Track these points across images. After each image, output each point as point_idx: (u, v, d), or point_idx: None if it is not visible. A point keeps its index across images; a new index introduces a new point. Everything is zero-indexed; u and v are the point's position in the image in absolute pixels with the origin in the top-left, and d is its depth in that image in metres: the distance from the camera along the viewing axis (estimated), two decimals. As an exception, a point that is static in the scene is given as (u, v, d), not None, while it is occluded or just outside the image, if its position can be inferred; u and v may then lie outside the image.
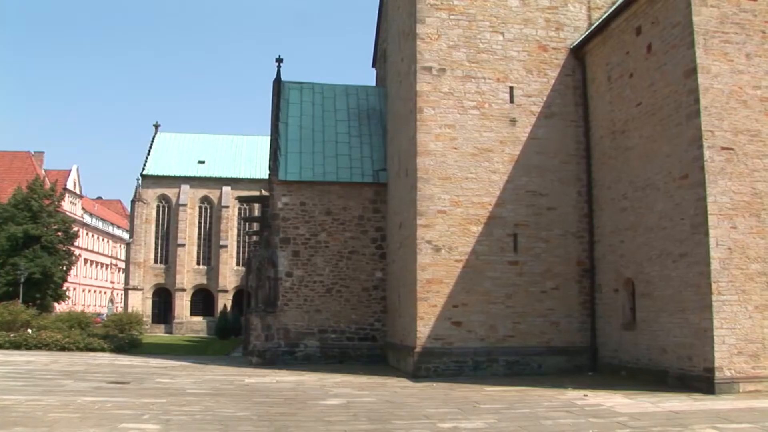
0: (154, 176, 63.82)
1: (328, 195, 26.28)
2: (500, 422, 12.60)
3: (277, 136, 26.94)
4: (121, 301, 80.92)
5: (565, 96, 22.20)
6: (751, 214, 16.52)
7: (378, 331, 25.92)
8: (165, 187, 64.10)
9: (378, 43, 33.59)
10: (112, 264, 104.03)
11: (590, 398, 15.51)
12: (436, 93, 21.24)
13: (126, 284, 64.52)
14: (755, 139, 16.80)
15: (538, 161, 21.69)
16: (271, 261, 25.54)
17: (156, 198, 64.08)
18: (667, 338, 17.64)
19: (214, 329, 54.30)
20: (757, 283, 16.32)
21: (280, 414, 13.58)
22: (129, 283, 63.29)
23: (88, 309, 70.77)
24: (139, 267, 63.03)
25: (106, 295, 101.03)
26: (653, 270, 18.39)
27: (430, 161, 20.93)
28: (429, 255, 20.62)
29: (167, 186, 64.10)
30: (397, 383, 19.08)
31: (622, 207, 20.03)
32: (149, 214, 63.83)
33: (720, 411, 13.48)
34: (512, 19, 22.12)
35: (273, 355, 24.95)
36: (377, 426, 12.30)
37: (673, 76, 17.62)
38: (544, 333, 21.20)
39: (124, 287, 67.83)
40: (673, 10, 17.65)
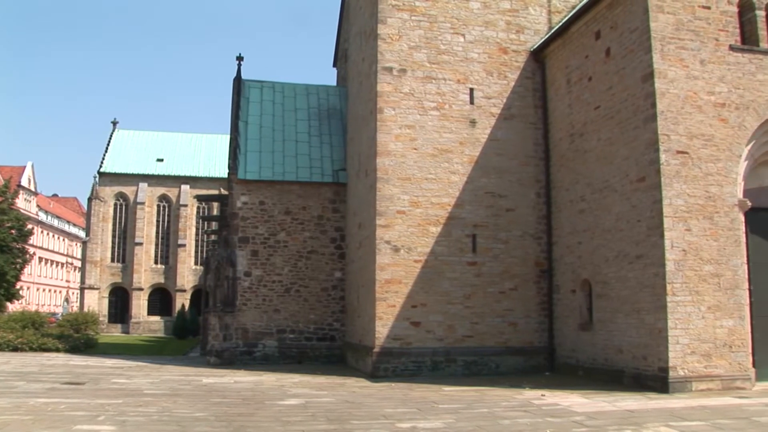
0: (111, 174, 63.06)
1: (288, 194, 26.17)
2: (458, 422, 12.64)
3: (237, 134, 26.77)
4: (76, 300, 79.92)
5: (524, 98, 22.36)
6: (704, 217, 16.80)
7: (337, 331, 25.88)
8: (123, 185, 63.39)
9: (339, 43, 33.53)
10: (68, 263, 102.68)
11: (547, 398, 15.61)
12: (396, 93, 21.26)
13: (82, 283, 63.63)
14: (709, 143, 17.08)
15: (497, 162, 21.82)
16: (230, 260, 25.36)
17: (113, 196, 63.34)
18: (623, 338, 17.85)
19: (172, 329, 53.84)
20: (710, 284, 16.61)
21: (237, 414, 13.47)
22: (85, 282, 62.44)
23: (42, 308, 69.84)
24: (95, 266, 62.23)
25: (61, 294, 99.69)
26: (610, 271, 18.60)
27: (389, 162, 20.94)
28: (388, 255, 20.63)
29: (125, 184, 63.40)
30: (355, 383, 19.05)
31: (580, 209, 20.23)
32: (106, 212, 63.06)
33: (673, 409, 13.68)
34: (473, 21, 22.23)
35: (231, 355, 24.78)
36: (336, 426, 12.26)
37: (631, 80, 17.84)
38: (502, 333, 21.33)
39: (80, 286, 66.94)
40: (632, 16, 17.88)
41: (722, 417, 12.89)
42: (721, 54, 17.56)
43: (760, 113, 17.69)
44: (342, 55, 32.25)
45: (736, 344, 16.62)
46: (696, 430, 11.68)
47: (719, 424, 12.22)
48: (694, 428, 11.84)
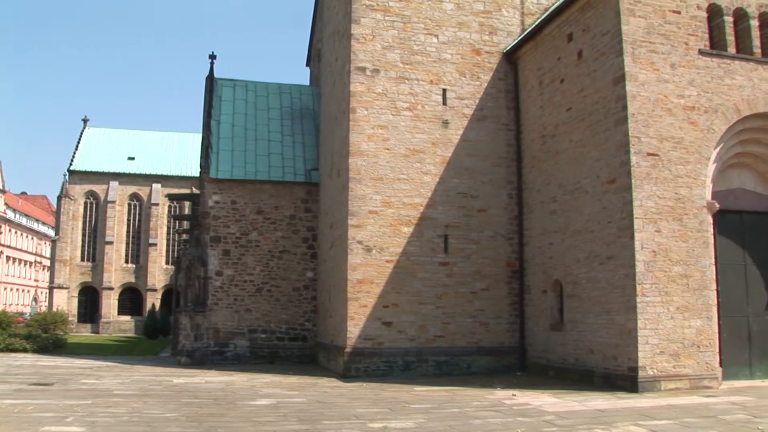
0: (81, 172, 62.39)
1: (260, 194, 26.10)
2: (430, 422, 12.66)
3: (209, 133, 26.65)
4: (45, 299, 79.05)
5: (497, 99, 22.46)
6: (674, 219, 16.99)
7: (308, 331, 25.85)
8: (93, 184, 62.73)
9: (313, 43, 33.47)
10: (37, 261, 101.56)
11: (518, 397, 15.69)
12: (369, 93, 21.27)
13: (51, 282, 62.83)
14: (679, 146, 17.27)
15: (469, 163, 21.89)
16: (201, 260, 25.25)
17: (84, 194, 62.68)
18: (593, 338, 17.99)
19: (143, 329, 53.36)
20: (679, 285, 16.80)
21: (208, 415, 13.39)
22: (54, 281, 61.69)
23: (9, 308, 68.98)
24: (65, 265, 61.56)
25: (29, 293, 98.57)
26: (581, 272, 18.73)
27: (362, 162, 20.94)
28: (360, 255, 20.63)
29: (95, 182, 62.75)
30: (327, 383, 19.03)
31: (552, 210, 20.35)
32: (76, 211, 62.39)
33: (643, 409, 13.82)
34: (447, 22, 22.29)
35: (202, 355, 24.66)
36: (307, 426, 12.24)
37: (603, 83, 17.99)
38: (474, 333, 21.41)
39: (48, 285, 66.06)
40: (603, 19, 18.02)
41: (690, 416, 13.04)
42: (690, 58, 17.77)
43: (728, 117, 17.93)
44: (315, 55, 32.20)
45: (703, 344, 16.83)
46: (664, 429, 11.78)
47: (687, 422, 12.37)
48: (662, 427, 11.96)
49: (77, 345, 35.98)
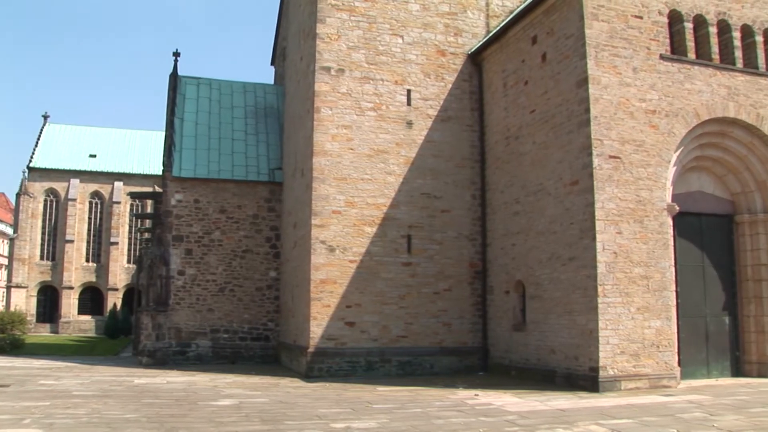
0: (41, 169, 61.59)
1: (223, 193, 25.97)
2: (392, 422, 12.67)
3: (172, 131, 26.45)
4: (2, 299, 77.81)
5: (461, 100, 22.56)
6: (635, 220, 17.19)
7: (271, 331, 25.76)
8: (53, 181, 61.97)
9: (278, 41, 33.35)
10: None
11: (481, 397, 15.76)
12: (334, 93, 21.24)
13: (8, 281, 61.95)
14: (640, 149, 17.48)
15: (433, 164, 21.96)
16: (163, 259, 25.05)
17: (43, 192, 61.88)
18: (555, 339, 18.14)
19: (104, 329, 52.90)
20: (639, 286, 17.00)
21: (170, 415, 13.27)
22: (12, 280, 60.82)
23: (-35, 307, 67.77)
24: (23, 263, 60.71)
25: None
26: (543, 273, 18.88)
27: (326, 161, 20.91)
28: (323, 255, 20.59)
29: (56, 180, 61.99)
30: (289, 383, 18.97)
31: (515, 211, 20.48)
32: (36, 209, 61.57)
33: (603, 408, 13.97)
34: (412, 22, 22.34)
35: (164, 355, 24.47)
36: (269, 426, 12.19)
37: (566, 86, 18.15)
38: (437, 333, 21.47)
39: (6, 284, 65.09)
40: (567, 22, 18.18)
41: (649, 414, 13.21)
42: (652, 62, 18.01)
43: (688, 121, 18.20)
44: (280, 54, 32.08)
45: (663, 344, 17.05)
46: (624, 428, 11.91)
47: (646, 421, 12.53)
48: (622, 426, 12.09)
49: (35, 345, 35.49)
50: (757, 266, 19.66)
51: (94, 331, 58.72)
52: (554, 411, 13.75)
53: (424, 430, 11.93)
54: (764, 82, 19.48)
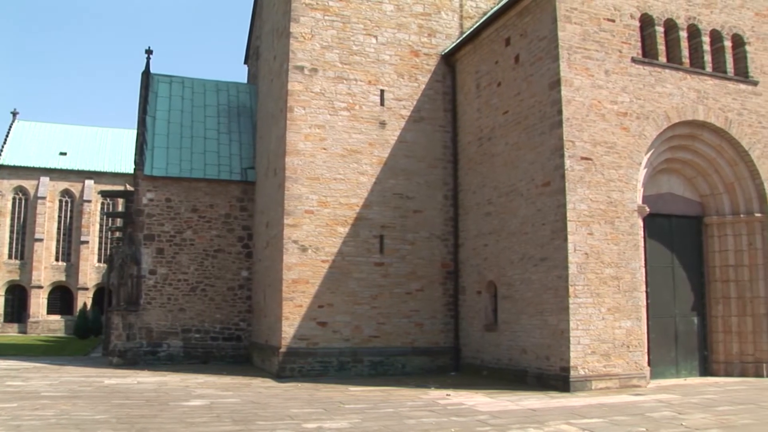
0: (10, 167, 60.79)
1: (195, 192, 25.83)
2: (364, 422, 12.67)
3: (144, 129, 26.26)
4: (-31, 298, 76.82)
5: (434, 101, 22.62)
6: (606, 222, 17.33)
7: (243, 331, 25.66)
8: (22, 179, 61.19)
9: (251, 40, 33.25)
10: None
11: (453, 397, 15.81)
12: (307, 93, 21.21)
13: (-25, 280, 61.28)
14: (611, 151, 17.63)
15: (405, 164, 22.00)
16: (135, 258, 24.86)
17: (12, 190, 61.10)
18: (527, 339, 18.24)
19: (73, 328, 52.41)
20: (610, 286, 17.14)
21: (140, 416, 13.17)
22: (-22, 279, 60.15)
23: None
24: (-10, 262, 60.05)
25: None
26: (515, 273, 18.97)
27: (298, 161, 20.87)
28: (295, 255, 20.55)
29: (25, 177, 61.22)
30: (261, 383, 18.92)
31: (487, 211, 20.56)
32: (4, 207, 60.78)
33: (574, 407, 14.08)
34: (386, 23, 22.36)
35: (134, 355, 24.28)
36: (241, 427, 12.14)
37: (539, 87, 18.25)
38: (409, 334, 21.50)
39: (-27, 283, 64.40)
40: (540, 24, 18.29)
41: (619, 414, 13.33)
42: (624, 65, 18.17)
43: (659, 123, 18.39)
44: (254, 53, 31.99)
45: (633, 344, 17.21)
46: (595, 427, 12.00)
47: (616, 420, 12.65)
48: (593, 425, 12.19)
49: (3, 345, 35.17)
50: (725, 267, 19.93)
51: (63, 331, 58.13)
52: (525, 411, 13.83)
53: (396, 430, 11.95)
54: (732, 87, 19.76)
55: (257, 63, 29.57)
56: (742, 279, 19.78)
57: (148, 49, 27.90)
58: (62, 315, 61.07)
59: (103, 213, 60.70)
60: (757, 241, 19.77)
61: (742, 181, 20.00)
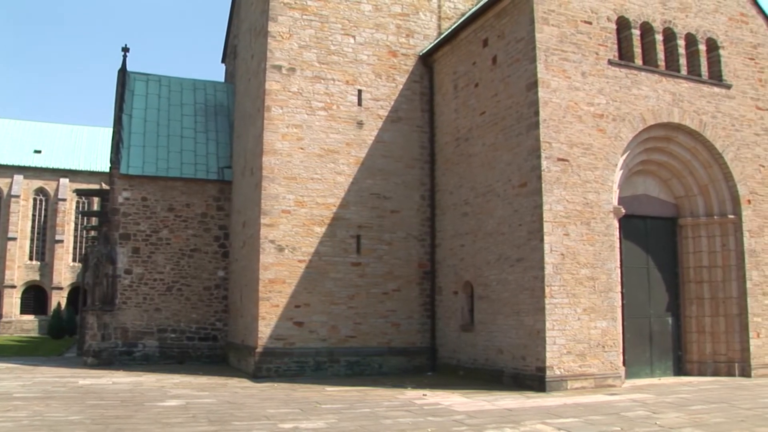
0: (-17, 165, 60.22)
1: (171, 191, 25.69)
2: (341, 422, 12.66)
3: (120, 128, 26.08)
4: (-58, 297, 75.95)
5: (412, 101, 22.66)
6: (582, 222, 17.43)
7: (219, 331, 25.56)
8: (-4, 177, 60.63)
9: (229, 39, 33.09)
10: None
11: (429, 397, 15.83)
12: (284, 92, 21.17)
13: (-52, 279, 60.54)
14: (587, 152, 17.74)
15: (383, 164, 22.02)
16: (110, 257, 24.69)
17: (-16, 188, 60.51)
18: (503, 339, 18.31)
19: (47, 328, 51.81)
20: (586, 287, 17.25)
21: (115, 417, 13.07)
22: (-49, 278, 59.43)
23: None
24: (-38, 261, 59.35)
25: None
26: (491, 273, 19.04)
27: (275, 160, 20.83)
28: (272, 255, 20.51)
29: (-2, 175, 60.65)
30: (237, 384, 18.85)
31: (464, 212, 20.62)
32: (-23, 205, 60.21)
33: (550, 407, 14.15)
34: (364, 23, 22.37)
35: (109, 356, 24.11)
36: (217, 427, 12.08)
37: (516, 88, 18.33)
38: (385, 334, 21.53)
39: (-55, 282, 63.62)
40: (518, 26, 18.37)
41: (594, 413, 13.42)
42: (600, 67, 18.30)
43: (635, 125, 18.54)
44: (231, 52, 31.84)
45: (608, 344, 17.33)
46: (570, 427, 12.07)
47: (591, 420, 12.73)
48: (568, 425, 12.26)
49: (-24, 345, 34.72)
50: (699, 268, 20.12)
51: (37, 331, 57.53)
52: (502, 410, 13.88)
53: (372, 430, 11.95)
54: (707, 90, 19.97)
55: (235, 62, 29.47)
56: (716, 280, 19.98)
57: (124, 47, 27.71)
58: (36, 315, 60.43)
59: (79, 212, 60.17)
60: (730, 243, 19.99)
61: (716, 183, 20.21)
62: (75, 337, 40.13)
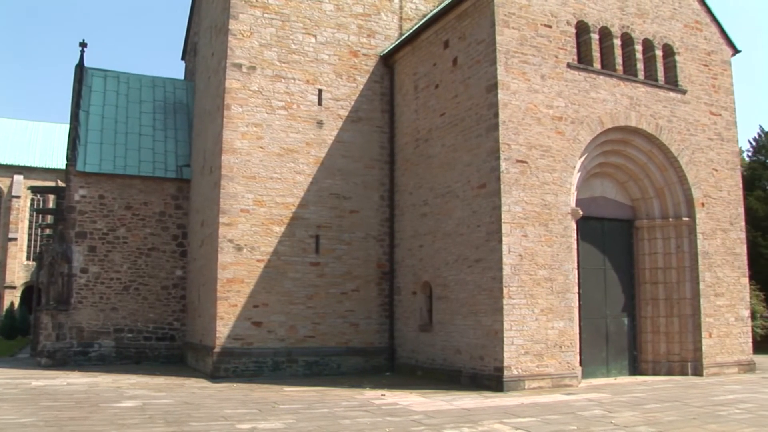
0: (-68, 160, 59.00)
1: (129, 189, 25.39)
2: (299, 422, 12.63)
3: (77, 124, 25.72)
4: None
5: (372, 102, 22.69)
6: (540, 224, 17.59)
7: (177, 331, 25.34)
8: (-55, 173, 59.43)
9: (189, 36, 32.82)
10: None
11: (387, 397, 15.86)
12: (244, 91, 21.07)
13: None
14: (546, 154, 17.91)
15: (342, 164, 22.02)
16: (66, 256, 24.34)
17: (-66, 184, 59.31)
18: (461, 339, 18.40)
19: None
20: (544, 288, 17.41)
21: (69, 419, 12.87)
22: None
23: None
24: None
25: None
26: (450, 274, 19.12)
27: (235, 159, 20.71)
28: (230, 254, 20.39)
29: (-52, 171, 59.47)
30: (195, 384, 18.71)
31: (423, 212, 20.69)
32: (-75, 202, 59.00)
33: (507, 407, 14.26)
34: (326, 22, 22.35)
35: (64, 356, 23.76)
36: (174, 428, 11.97)
37: (476, 90, 18.44)
38: (344, 334, 21.53)
39: None
40: (479, 28, 18.48)
41: (551, 413, 13.57)
42: (560, 70, 18.49)
43: (593, 128, 18.76)
44: (191, 49, 31.60)
45: (565, 344, 17.52)
46: (527, 426, 12.17)
47: (548, 419, 12.86)
48: (525, 424, 12.36)
49: (-77, 346, 33.99)
50: (654, 269, 20.43)
51: (-12, 331, 56.56)
52: (459, 410, 13.96)
53: (330, 430, 11.94)
54: (663, 94, 20.29)
55: (195, 59, 29.25)
56: (670, 281, 20.32)
57: (82, 42, 27.29)
58: (-12, 314, 59.41)
59: (33, 209, 59.22)
60: (685, 245, 20.34)
61: (671, 186, 20.54)
62: (28, 338, 39.43)
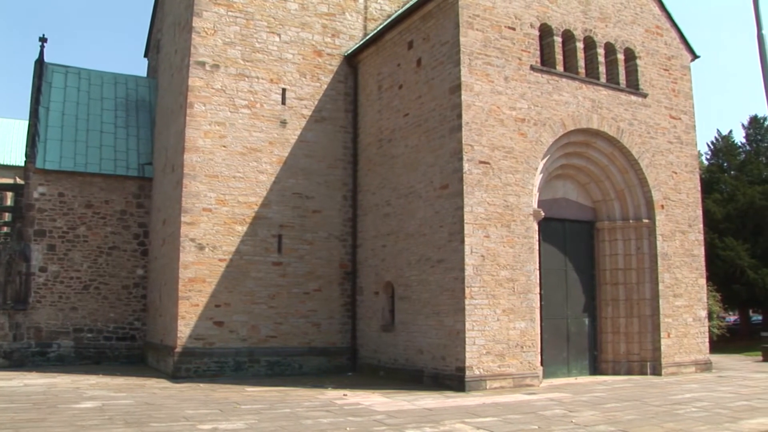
0: None
1: (90, 187, 25.09)
2: (261, 422, 12.59)
3: (37, 121, 25.35)
4: None
5: (336, 101, 22.67)
6: (502, 225, 17.70)
7: (138, 331, 25.09)
8: None
9: (152, 33, 32.49)
10: None
11: (349, 397, 15.86)
12: (208, 89, 20.93)
13: None
14: (509, 155, 18.03)
15: (305, 164, 21.98)
16: (24, 255, 23.98)
17: None
18: (423, 340, 18.45)
19: (-46, 327, 50.03)
20: (506, 288, 17.52)
21: (26, 420, 12.66)
22: None
23: None
24: None
25: None
26: (412, 274, 19.17)
27: (197, 158, 20.57)
28: (192, 253, 20.25)
29: None
30: (156, 384, 18.54)
31: (386, 213, 20.71)
32: None
33: (469, 407, 14.33)
34: (290, 21, 22.28)
35: (22, 356, 23.41)
36: (134, 429, 11.84)
37: (440, 91, 18.50)
38: (306, 334, 21.49)
39: None
40: (443, 30, 18.55)
41: (512, 412, 13.67)
42: (523, 72, 18.62)
43: (555, 130, 18.92)
44: (154, 46, 31.30)
45: (527, 345, 17.65)
46: (489, 425, 12.24)
47: (510, 419, 12.95)
48: (487, 424, 12.44)
49: None
50: (615, 270, 20.67)
51: (-56, 330, 55.46)
52: (421, 410, 13.99)
53: (292, 430, 11.92)
54: (624, 98, 20.53)
55: (158, 56, 28.98)
56: (630, 282, 20.56)
57: (42, 37, 26.87)
58: (-57, 313, 58.23)
59: (-10, 207, 58.21)
60: (645, 246, 20.60)
61: (631, 188, 20.79)
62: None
